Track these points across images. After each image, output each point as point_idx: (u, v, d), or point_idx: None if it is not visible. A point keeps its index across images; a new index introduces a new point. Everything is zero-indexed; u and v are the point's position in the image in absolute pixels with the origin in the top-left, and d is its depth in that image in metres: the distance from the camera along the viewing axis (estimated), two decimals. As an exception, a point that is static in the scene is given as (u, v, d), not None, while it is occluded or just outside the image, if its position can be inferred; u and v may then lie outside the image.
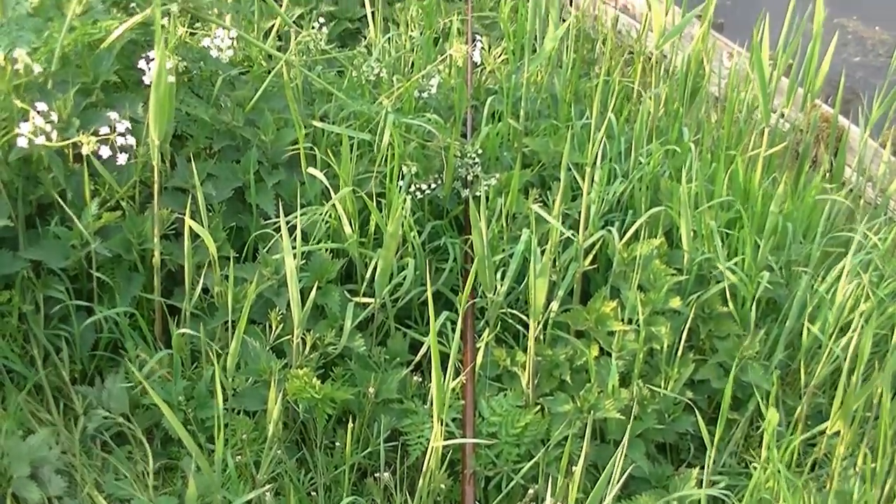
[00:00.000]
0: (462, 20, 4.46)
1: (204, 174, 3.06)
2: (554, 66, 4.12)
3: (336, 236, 3.13)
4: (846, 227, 3.91)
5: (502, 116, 3.71)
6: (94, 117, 2.91)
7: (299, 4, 4.45)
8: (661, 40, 3.82)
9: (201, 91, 3.30)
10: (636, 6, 5.73)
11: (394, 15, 4.58)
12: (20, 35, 2.85)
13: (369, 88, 3.60)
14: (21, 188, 2.90)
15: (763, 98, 3.64)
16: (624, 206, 3.51)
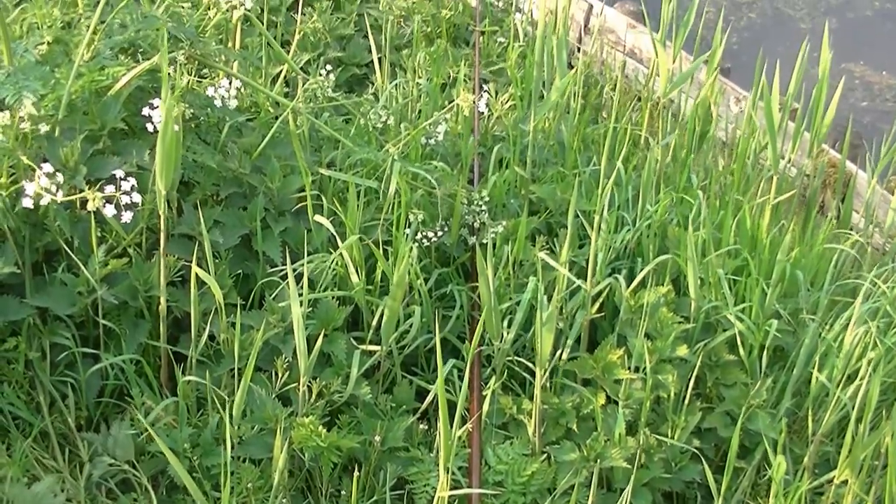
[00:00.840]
0: (469, 66, 4.47)
1: (211, 221, 3.06)
2: (562, 113, 4.13)
3: (342, 284, 3.12)
4: (854, 274, 3.90)
5: (509, 163, 3.72)
6: (101, 164, 2.92)
7: (307, 50, 4.47)
8: (668, 87, 3.83)
9: (208, 137, 3.31)
10: (644, 50, 5.75)
11: (401, 61, 4.59)
12: (27, 84, 2.85)
13: (376, 135, 3.61)
14: (28, 235, 2.90)
15: (772, 146, 3.64)
16: (631, 253, 3.50)
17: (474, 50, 4.73)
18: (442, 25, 4.93)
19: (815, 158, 4.40)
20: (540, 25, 3.51)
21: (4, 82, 2.83)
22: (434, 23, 4.95)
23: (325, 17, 4.66)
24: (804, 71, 4.05)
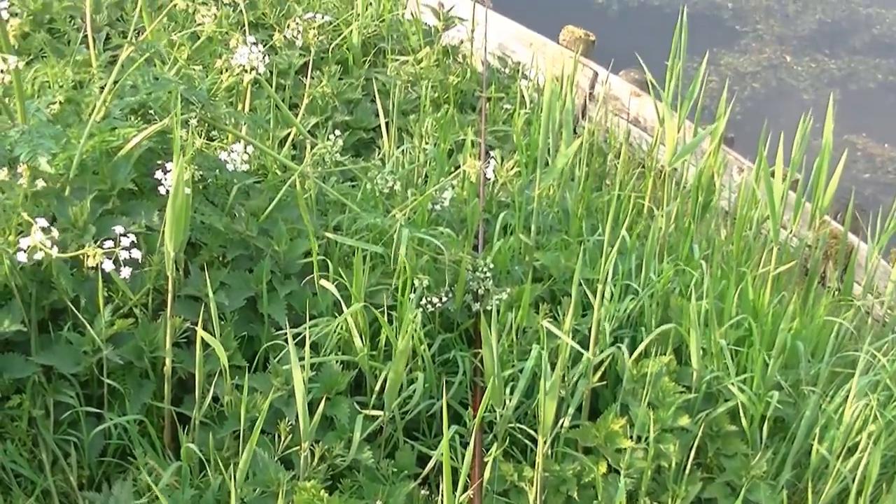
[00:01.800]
0: (476, 132, 4.51)
1: (217, 283, 3.08)
2: (566, 181, 4.16)
3: (347, 348, 3.14)
4: (854, 346, 3.91)
5: (514, 230, 3.74)
6: (110, 224, 2.93)
7: (315, 114, 4.51)
8: (673, 158, 3.86)
9: (216, 199, 3.33)
10: (648, 119, 5.79)
11: (408, 126, 4.63)
12: (41, 142, 2.88)
13: (383, 200, 3.63)
14: (35, 293, 2.92)
15: (773, 220, 3.67)
16: (634, 322, 3.52)
17: (480, 116, 4.77)
18: (449, 91, 4.98)
19: (817, 230, 4.42)
20: (546, 94, 3.55)
21: (19, 140, 2.86)
22: (441, 88, 4.99)
23: (334, 82, 4.70)
24: (807, 142, 4.08)
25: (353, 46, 5.13)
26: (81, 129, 3.06)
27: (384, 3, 5.70)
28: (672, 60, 3.99)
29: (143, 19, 3.66)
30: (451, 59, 5.44)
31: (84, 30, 4.47)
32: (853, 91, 8.15)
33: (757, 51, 8.55)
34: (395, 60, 5.11)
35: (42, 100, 3.36)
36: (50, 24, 4.58)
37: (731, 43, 8.64)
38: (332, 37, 5.13)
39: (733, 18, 8.96)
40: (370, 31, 5.38)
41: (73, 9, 4.68)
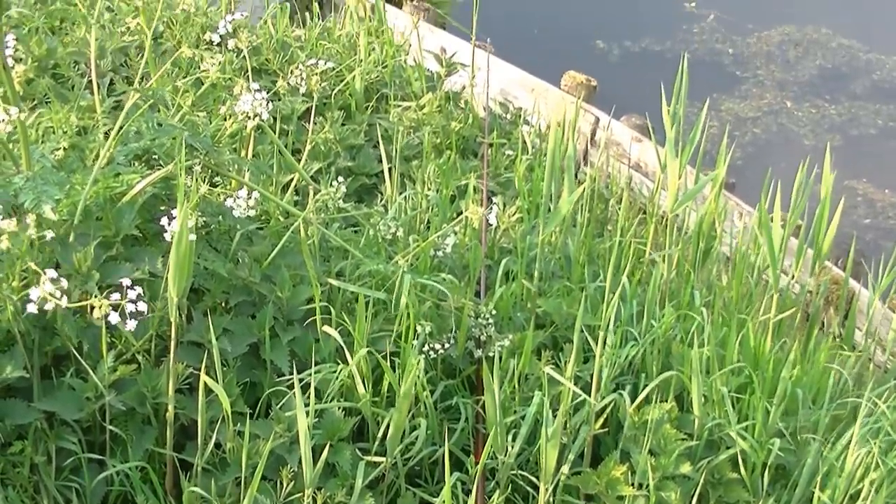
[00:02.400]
0: (478, 178, 4.53)
1: (220, 329, 3.08)
2: (568, 227, 4.17)
3: (349, 395, 3.14)
4: (855, 392, 3.91)
5: (516, 276, 3.75)
6: (113, 270, 2.95)
7: (317, 159, 4.53)
8: (674, 206, 3.87)
9: (219, 245, 3.34)
10: (649, 164, 5.82)
11: (410, 171, 4.64)
12: (45, 189, 2.89)
13: (385, 246, 3.64)
14: (38, 339, 2.92)
15: (773, 267, 3.68)
16: (636, 369, 3.52)
17: (482, 162, 4.79)
18: (451, 137, 5.00)
19: (818, 276, 4.43)
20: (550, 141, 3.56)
21: (24, 187, 2.88)
22: (443, 134, 5.01)
23: (336, 127, 4.72)
24: (808, 188, 4.10)
25: (356, 92, 5.16)
26: (86, 176, 3.07)
27: (387, 49, 5.74)
28: (673, 107, 4.01)
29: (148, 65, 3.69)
30: (454, 104, 5.46)
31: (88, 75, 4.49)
32: (854, 136, 8.18)
33: (758, 96, 8.59)
34: (397, 106, 5.13)
35: (47, 146, 3.38)
36: (54, 70, 4.61)
37: (731, 88, 8.68)
38: (335, 82, 5.15)
39: (734, 64, 9.00)
40: (373, 76, 5.41)
41: (77, 54, 4.70)
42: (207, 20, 5.33)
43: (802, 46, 9.21)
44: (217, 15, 5.58)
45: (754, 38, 9.26)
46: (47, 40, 4.65)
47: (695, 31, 9.35)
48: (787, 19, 9.46)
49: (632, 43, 9.19)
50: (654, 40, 9.21)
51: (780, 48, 9.19)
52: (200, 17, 5.33)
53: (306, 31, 5.84)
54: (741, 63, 9.00)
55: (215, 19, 5.38)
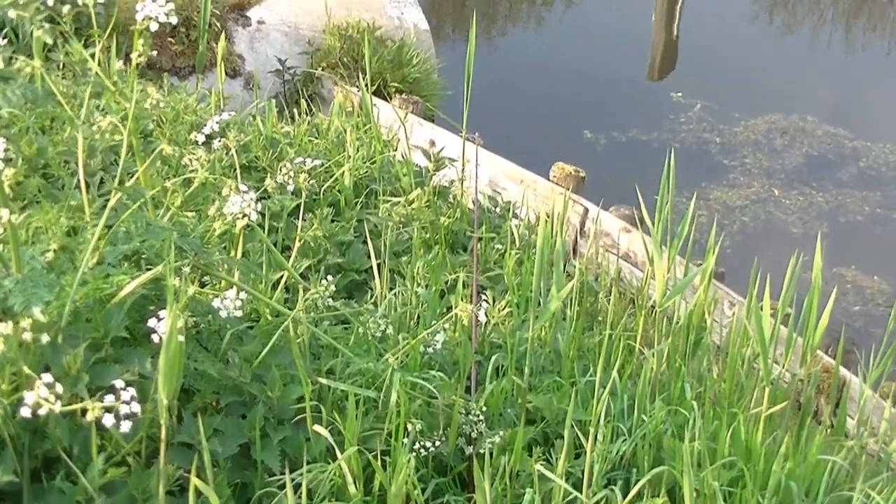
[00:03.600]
0: (467, 273, 4.54)
1: (210, 430, 3.07)
2: (558, 321, 4.18)
3: (340, 494, 3.12)
4: (849, 483, 3.90)
5: (506, 372, 3.75)
6: (103, 372, 2.94)
7: (307, 256, 4.54)
8: (663, 299, 3.89)
9: (209, 345, 3.34)
10: (638, 254, 5.84)
11: (400, 267, 4.65)
12: (35, 292, 2.90)
13: (375, 344, 3.65)
14: (28, 442, 2.91)
15: (763, 359, 3.69)
16: (627, 464, 3.51)
17: (472, 256, 4.80)
18: (440, 232, 5.02)
19: (809, 366, 4.43)
20: (539, 237, 3.58)
21: (14, 290, 2.88)
22: (433, 229, 5.03)
23: (326, 224, 4.74)
24: (797, 277, 4.11)
25: (345, 188, 5.19)
26: (75, 277, 3.08)
27: (375, 146, 5.77)
28: (661, 200, 4.03)
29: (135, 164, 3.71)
30: (442, 199, 5.49)
31: (78, 174, 4.51)
32: (841, 224, 8.23)
33: (745, 184, 8.65)
34: (386, 202, 5.16)
35: (37, 247, 3.39)
36: (44, 169, 4.63)
37: (719, 177, 8.74)
38: (324, 178, 5.18)
39: (721, 153, 9.07)
40: (361, 172, 5.44)
41: (67, 153, 4.72)
42: (197, 118, 5.37)
43: (789, 134, 9.29)
44: (207, 112, 5.62)
45: (741, 127, 9.34)
46: (38, 140, 4.68)
47: (682, 120, 9.43)
48: (773, 108, 9.55)
49: (619, 133, 9.26)
50: (641, 130, 9.29)
51: (767, 136, 9.27)
52: (190, 116, 5.37)
53: (295, 128, 5.89)
54: (728, 152, 9.08)
55: (205, 117, 5.42)
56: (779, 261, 4.21)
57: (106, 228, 3.24)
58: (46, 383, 2.63)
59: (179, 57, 7.89)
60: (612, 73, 10.48)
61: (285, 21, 8.62)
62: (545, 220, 3.80)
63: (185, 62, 7.95)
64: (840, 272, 7.53)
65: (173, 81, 7.49)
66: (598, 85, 10.25)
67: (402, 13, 8.86)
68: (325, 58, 8.33)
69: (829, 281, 4.65)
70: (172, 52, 7.91)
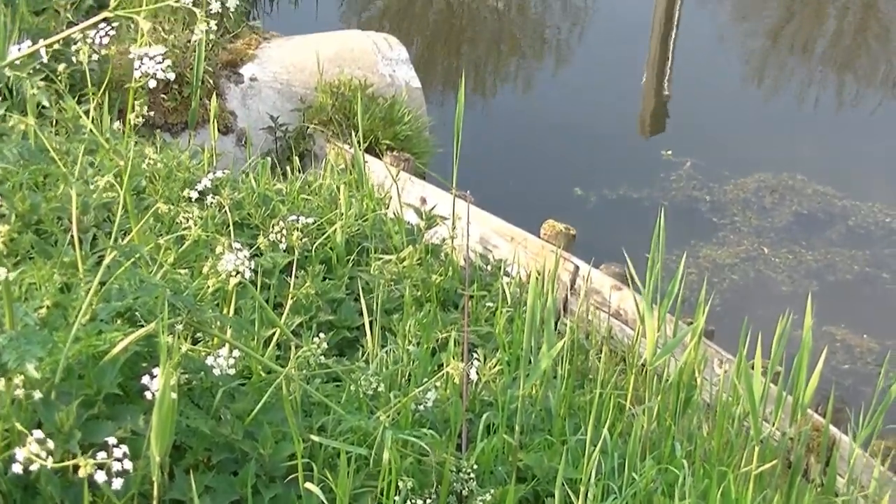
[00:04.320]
0: (458, 331, 4.55)
1: (202, 487, 3.08)
2: (549, 379, 4.19)
3: (332, 552, 3.13)
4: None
5: (497, 430, 3.76)
6: (95, 429, 2.95)
7: (299, 313, 4.55)
8: (654, 358, 3.91)
9: (202, 402, 3.35)
10: (629, 311, 5.86)
11: (391, 325, 4.67)
12: (28, 349, 2.91)
13: (367, 402, 3.66)
14: (20, 499, 2.91)
15: (754, 419, 3.71)
16: (618, 523, 3.52)
17: (463, 314, 4.82)
18: (432, 290, 5.04)
19: (799, 425, 4.45)
20: (530, 296, 3.60)
21: (7, 346, 2.89)
22: (424, 287, 5.05)
23: (318, 281, 4.76)
24: (787, 336, 4.14)
25: (337, 245, 5.21)
26: (68, 333, 3.09)
27: (367, 203, 5.80)
28: (651, 260, 4.06)
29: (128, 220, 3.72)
30: (434, 257, 5.51)
31: (71, 231, 4.53)
32: (831, 282, 8.27)
33: (735, 242, 8.69)
34: (378, 259, 5.18)
35: (30, 304, 3.40)
36: (38, 225, 4.64)
37: (709, 235, 8.78)
38: (316, 235, 5.20)
39: (711, 211, 9.12)
40: (353, 230, 5.46)
41: (60, 210, 4.74)
42: (190, 175, 5.40)
43: (778, 193, 9.34)
44: (199, 169, 5.65)
45: (731, 185, 9.39)
46: (31, 196, 4.69)
47: (672, 178, 9.48)
48: (762, 166, 9.61)
49: (609, 190, 9.31)
50: (631, 188, 9.33)
51: (757, 195, 9.32)
52: (183, 173, 5.40)
53: (287, 185, 5.91)
54: (718, 210, 9.12)
55: (197, 174, 5.44)
56: (768, 319, 4.24)
57: (99, 285, 3.26)
58: (38, 439, 2.64)
59: (172, 113, 7.93)
60: (603, 130, 10.55)
61: (278, 78, 8.67)
62: (536, 278, 3.83)
63: (178, 118, 7.99)
64: (829, 330, 7.55)
65: (165, 138, 7.53)
66: (588, 142, 10.31)
67: (393, 71, 8.92)
68: (318, 115, 8.38)
69: (819, 339, 4.68)
70: (165, 108, 7.96)
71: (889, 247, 8.74)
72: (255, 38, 9.19)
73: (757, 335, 4.11)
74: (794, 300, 4.37)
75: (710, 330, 6.25)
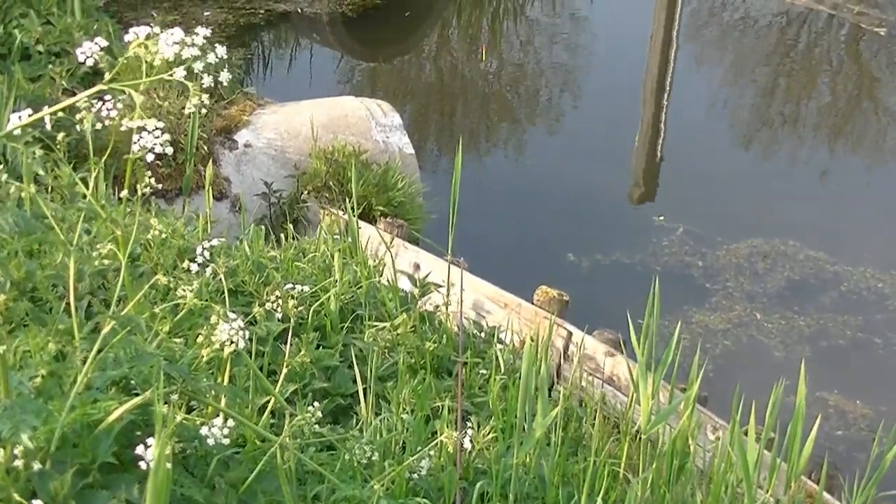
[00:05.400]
0: (452, 399, 4.56)
1: (196, 557, 3.08)
2: (542, 447, 4.20)
3: None
4: None
5: (491, 498, 3.76)
6: (90, 498, 2.95)
7: (293, 381, 4.56)
8: (648, 426, 3.91)
9: (196, 470, 3.35)
10: (622, 377, 5.86)
11: (385, 392, 4.68)
12: (23, 418, 2.91)
13: (361, 470, 3.66)
14: (14, 570, 2.91)
15: (747, 486, 3.71)
16: None
17: (457, 381, 4.83)
18: (426, 357, 5.05)
19: (794, 493, 4.44)
20: (524, 364, 3.62)
21: (2, 416, 2.90)
22: (418, 354, 5.06)
23: (311, 349, 4.77)
24: (780, 403, 4.15)
25: (331, 313, 5.22)
26: (63, 402, 3.09)
27: (361, 270, 5.82)
28: (645, 327, 4.08)
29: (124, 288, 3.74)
30: (428, 324, 5.53)
31: (66, 298, 4.54)
32: (823, 348, 8.28)
33: (727, 308, 8.70)
34: (372, 327, 5.19)
35: (25, 372, 3.41)
36: (33, 293, 4.66)
37: (701, 300, 8.79)
38: (311, 303, 5.22)
39: (704, 276, 9.14)
40: (348, 297, 5.48)
41: (55, 277, 4.76)
42: (185, 242, 5.42)
43: (770, 258, 9.37)
44: (194, 236, 5.67)
45: (723, 251, 9.42)
46: (27, 263, 4.71)
47: (664, 243, 9.51)
48: (754, 232, 9.64)
49: (602, 256, 9.33)
50: (624, 253, 9.35)
51: (749, 260, 9.34)
52: (178, 240, 5.42)
53: (281, 252, 5.94)
54: (711, 275, 9.14)
55: (192, 241, 5.47)
56: (761, 384, 4.25)
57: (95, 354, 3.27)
58: (35, 510, 2.65)
59: (167, 180, 7.96)
60: (596, 194, 10.59)
61: (272, 144, 8.72)
62: (529, 346, 3.84)
63: (173, 185, 8.02)
64: (823, 396, 7.56)
65: (160, 204, 7.56)
66: (581, 207, 10.35)
67: (387, 137, 8.97)
68: (312, 181, 8.41)
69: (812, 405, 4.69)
70: (159, 174, 7.98)
71: (881, 312, 8.76)
72: (249, 104, 9.25)
73: (751, 402, 4.12)
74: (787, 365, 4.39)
75: (704, 396, 6.25)
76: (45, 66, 8.50)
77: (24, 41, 8.68)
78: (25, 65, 8.47)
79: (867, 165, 11.82)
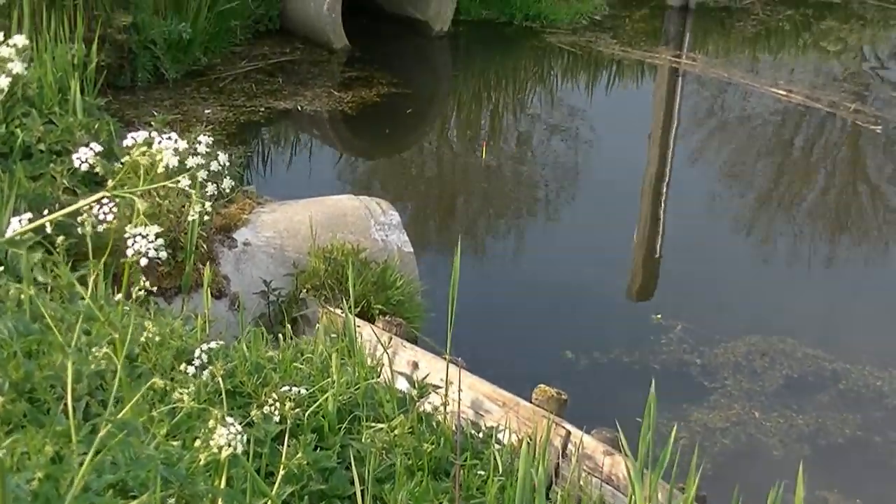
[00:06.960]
0: (450, 501, 4.55)
1: None
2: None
3: None
4: None
5: None
6: None
7: (290, 482, 4.55)
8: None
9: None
10: (621, 476, 5.85)
11: (383, 494, 4.67)
12: (21, 526, 2.92)
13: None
14: None
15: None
16: None
17: (454, 482, 4.82)
18: (423, 458, 5.04)
19: None
20: (521, 467, 3.62)
21: (-1, 521, 2.90)
22: (416, 455, 5.06)
23: (309, 451, 4.77)
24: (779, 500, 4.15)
25: (329, 413, 5.22)
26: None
27: (359, 371, 5.83)
28: (643, 429, 4.09)
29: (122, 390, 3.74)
30: (426, 425, 5.52)
31: (64, 399, 4.54)
32: (822, 446, 8.26)
33: (726, 406, 8.69)
34: (369, 428, 5.19)
35: (21, 475, 3.41)
36: (31, 393, 4.66)
37: (700, 398, 8.78)
38: (308, 404, 5.22)
39: (702, 374, 9.13)
40: (345, 398, 5.48)
41: (53, 378, 4.75)
42: (183, 343, 5.43)
43: (769, 356, 9.37)
44: (192, 336, 5.69)
45: (721, 349, 9.43)
46: (25, 364, 4.72)
47: (662, 341, 9.52)
48: (752, 330, 9.66)
49: (600, 354, 9.33)
50: (622, 351, 9.35)
51: (747, 358, 9.35)
52: (176, 340, 5.43)
53: (280, 353, 5.95)
54: (709, 374, 9.14)
55: (190, 341, 5.48)
56: (761, 483, 4.25)
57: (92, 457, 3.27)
58: None
59: (166, 278, 7.99)
60: (593, 292, 10.62)
61: (271, 243, 8.76)
62: (527, 447, 3.85)
63: (172, 283, 8.04)
64: (822, 495, 7.53)
65: (159, 302, 7.58)
66: (578, 304, 10.38)
67: (386, 235, 9.02)
68: (310, 279, 8.43)
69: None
70: (159, 273, 8.01)
71: (880, 410, 8.76)
72: (248, 202, 9.30)
73: (750, 503, 4.12)
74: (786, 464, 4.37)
75: (703, 495, 6.23)
76: (46, 165, 8.56)
77: (26, 140, 8.74)
78: (27, 163, 8.52)
79: (864, 262, 11.87)
